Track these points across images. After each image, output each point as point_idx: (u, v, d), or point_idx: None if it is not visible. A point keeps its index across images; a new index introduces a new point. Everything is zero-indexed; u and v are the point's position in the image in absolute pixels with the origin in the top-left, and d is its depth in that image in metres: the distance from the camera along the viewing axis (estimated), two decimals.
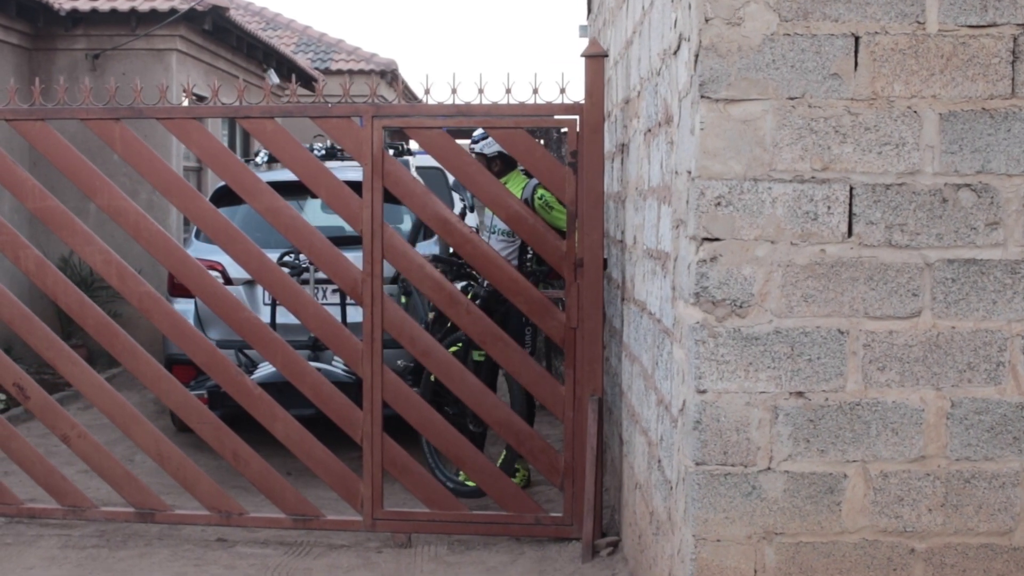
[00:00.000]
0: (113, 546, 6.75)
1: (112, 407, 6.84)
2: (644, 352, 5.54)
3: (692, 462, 4.13)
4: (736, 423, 4.10)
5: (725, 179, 4.05)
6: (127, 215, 6.75)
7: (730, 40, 4.02)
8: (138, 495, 6.88)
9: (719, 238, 4.07)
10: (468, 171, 6.74)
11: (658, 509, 4.96)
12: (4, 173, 6.79)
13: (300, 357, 6.77)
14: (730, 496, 4.12)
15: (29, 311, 6.90)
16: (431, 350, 6.73)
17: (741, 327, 4.09)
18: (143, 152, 6.73)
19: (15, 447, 6.93)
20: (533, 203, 7.70)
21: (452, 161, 6.71)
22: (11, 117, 6.76)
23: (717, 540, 4.12)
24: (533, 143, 6.75)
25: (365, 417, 6.69)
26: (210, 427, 6.80)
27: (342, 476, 6.76)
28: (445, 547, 6.74)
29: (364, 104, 6.61)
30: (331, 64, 21.30)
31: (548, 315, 6.64)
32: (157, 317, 6.76)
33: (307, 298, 6.75)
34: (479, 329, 6.68)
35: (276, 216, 6.65)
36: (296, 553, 6.66)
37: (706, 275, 4.07)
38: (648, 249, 5.47)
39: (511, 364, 6.71)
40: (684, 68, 4.34)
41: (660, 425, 4.91)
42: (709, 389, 4.10)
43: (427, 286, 6.75)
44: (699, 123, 4.04)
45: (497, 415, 6.76)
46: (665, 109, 4.83)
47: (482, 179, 6.80)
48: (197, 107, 6.73)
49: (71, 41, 12.75)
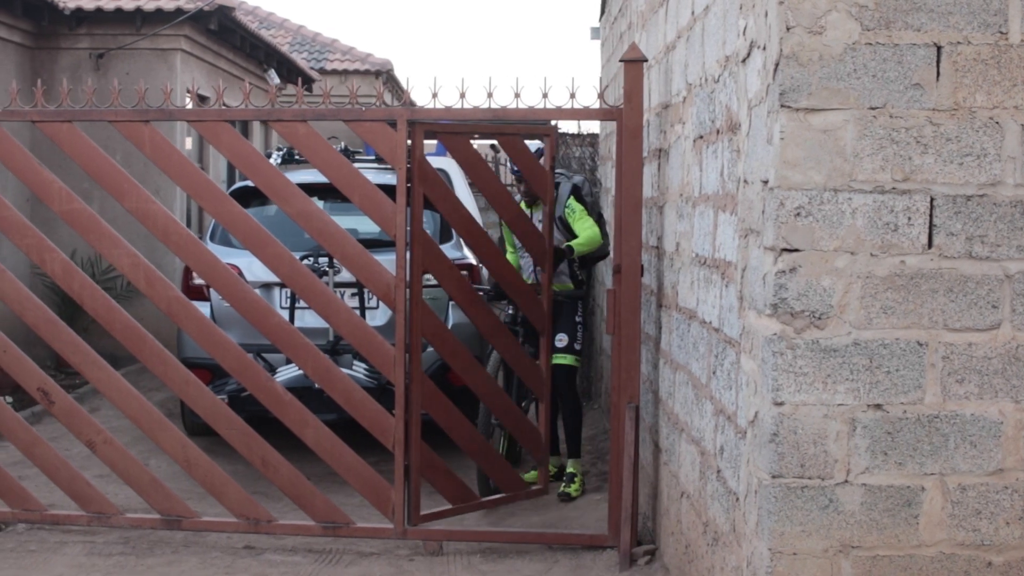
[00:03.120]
0: (139, 553, 6.66)
1: (139, 412, 6.75)
2: (694, 361, 5.49)
3: (767, 474, 4.08)
4: (814, 435, 4.05)
5: (805, 189, 4.00)
6: (156, 218, 6.66)
7: (811, 49, 3.97)
8: (165, 502, 6.79)
9: (798, 249, 4.02)
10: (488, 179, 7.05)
11: (716, 520, 4.91)
12: (31, 175, 6.68)
13: (331, 362, 6.69)
14: (807, 509, 4.07)
15: (54, 315, 6.79)
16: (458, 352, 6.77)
17: (819, 339, 4.04)
18: (172, 154, 6.65)
19: (39, 453, 6.83)
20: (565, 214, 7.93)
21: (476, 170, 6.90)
22: (38, 119, 6.66)
23: (793, 553, 4.08)
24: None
25: (397, 423, 6.61)
26: (238, 432, 6.71)
27: (373, 483, 6.69)
28: (478, 555, 6.68)
29: (398, 107, 6.54)
30: (326, 64, 21.15)
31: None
32: (185, 321, 6.67)
33: (338, 303, 6.67)
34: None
35: (308, 220, 6.57)
36: (326, 561, 6.58)
37: (785, 286, 4.02)
38: (699, 257, 5.43)
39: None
40: (757, 76, 4.28)
41: (720, 435, 4.86)
42: (787, 401, 4.05)
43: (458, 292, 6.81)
44: (779, 132, 3.99)
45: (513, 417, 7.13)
46: (728, 117, 4.78)
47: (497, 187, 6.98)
48: (228, 110, 6.64)
49: (74, 40, 12.60)
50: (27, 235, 6.71)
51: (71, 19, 12.30)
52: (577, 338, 8.06)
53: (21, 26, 12.02)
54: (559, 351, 8.01)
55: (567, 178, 8.13)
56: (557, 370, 8.02)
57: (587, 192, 8.17)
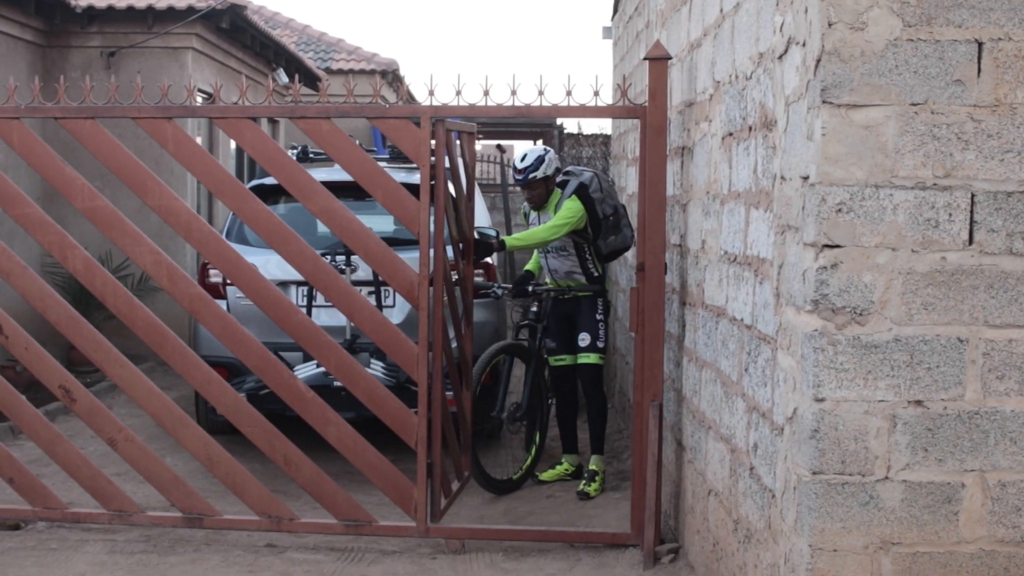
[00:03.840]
0: (161, 551, 6.64)
1: (161, 409, 6.73)
2: (723, 358, 5.48)
3: (808, 471, 4.08)
4: (854, 432, 4.05)
5: (846, 185, 4.00)
6: (178, 215, 6.65)
7: (853, 45, 3.97)
8: (186, 500, 6.77)
9: (840, 245, 4.02)
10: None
11: (749, 517, 4.91)
12: (54, 172, 6.67)
13: (355, 361, 6.67)
14: (847, 505, 4.07)
15: (76, 312, 6.78)
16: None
17: (860, 335, 4.04)
18: (195, 151, 6.64)
19: (60, 451, 6.81)
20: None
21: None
22: (60, 115, 6.64)
23: (834, 550, 4.07)
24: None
25: (420, 421, 6.60)
26: (261, 430, 6.69)
27: (395, 482, 6.67)
28: (500, 553, 6.67)
29: (423, 105, 6.53)
30: (331, 64, 21.12)
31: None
32: (208, 319, 6.66)
33: (362, 300, 6.66)
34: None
35: (331, 217, 6.56)
36: (349, 559, 6.57)
37: (826, 282, 4.02)
38: (728, 254, 5.42)
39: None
40: (795, 72, 4.28)
41: (753, 432, 4.86)
42: (827, 397, 4.04)
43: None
44: (820, 129, 3.99)
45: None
46: (762, 113, 4.78)
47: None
48: (252, 107, 6.62)
49: (85, 39, 12.58)
50: (49, 232, 6.69)
51: (82, 17, 12.27)
52: (599, 336, 8.03)
53: (33, 24, 12.01)
54: (582, 350, 8.02)
55: (575, 176, 8.07)
56: (582, 369, 8.05)
57: (596, 188, 7.96)
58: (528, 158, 7.97)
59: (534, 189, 8.00)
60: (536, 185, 7.97)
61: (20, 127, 6.66)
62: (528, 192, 8.04)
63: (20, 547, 6.67)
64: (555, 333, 8.22)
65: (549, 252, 8.15)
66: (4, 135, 6.68)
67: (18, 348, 6.78)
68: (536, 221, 8.17)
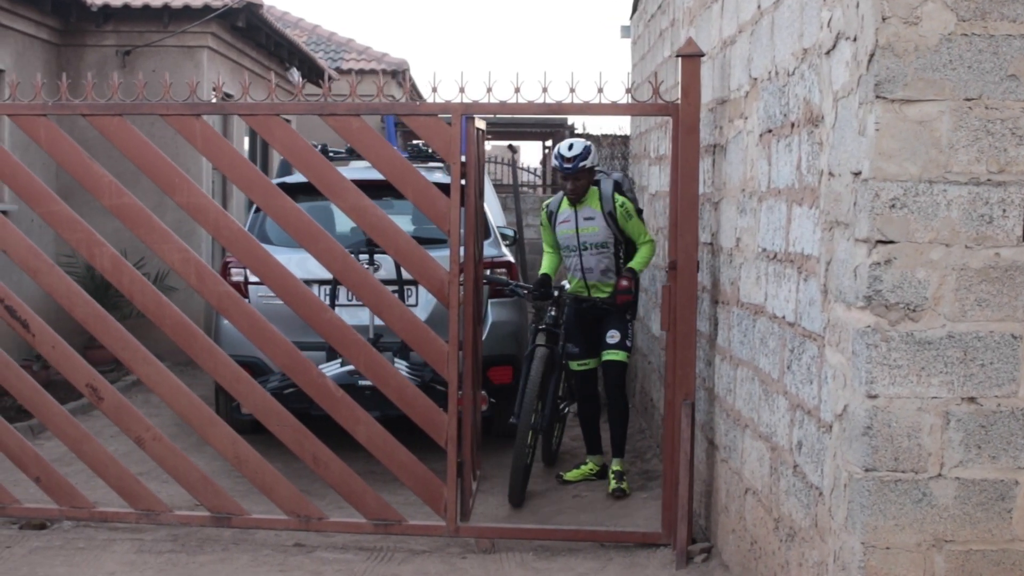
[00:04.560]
0: (190, 551, 6.61)
1: (189, 408, 6.70)
2: (761, 356, 5.45)
3: (860, 468, 4.05)
4: (908, 428, 4.02)
5: (900, 181, 3.97)
6: (207, 213, 6.62)
7: (907, 39, 3.94)
8: (214, 499, 6.75)
9: (893, 241, 3.99)
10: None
11: (792, 516, 4.88)
12: (81, 169, 6.63)
13: (385, 360, 6.64)
14: (900, 503, 4.04)
15: (103, 310, 6.74)
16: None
17: (914, 331, 4.01)
18: (224, 148, 6.62)
19: (87, 449, 6.78)
20: (615, 211, 7.85)
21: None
22: (88, 112, 6.61)
23: (886, 548, 4.04)
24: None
25: (450, 420, 6.58)
26: (290, 429, 6.66)
27: (425, 480, 6.65)
28: (530, 553, 6.64)
29: (454, 102, 6.50)
30: (341, 64, 21.06)
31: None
32: (236, 317, 6.63)
33: (392, 299, 6.62)
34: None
35: (362, 215, 6.53)
36: (379, 559, 6.54)
37: (879, 278, 3.99)
38: (767, 252, 5.39)
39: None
40: (845, 68, 4.25)
41: (797, 431, 4.83)
42: (881, 394, 4.01)
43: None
44: (873, 124, 3.96)
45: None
46: (806, 109, 4.75)
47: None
48: (281, 104, 6.59)
49: (100, 37, 12.55)
50: (77, 229, 6.66)
51: (98, 16, 12.24)
52: (628, 334, 7.94)
53: (48, 23, 11.98)
54: (611, 347, 7.90)
55: (606, 175, 8.05)
56: (608, 367, 7.94)
57: (628, 188, 8.07)
58: (577, 147, 7.80)
59: (579, 179, 7.81)
60: (582, 175, 7.79)
61: (47, 124, 6.63)
62: (572, 183, 7.82)
63: (47, 546, 6.63)
64: (577, 337, 8.10)
65: (587, 249, 7.94)
66: (31, 131, 6.65)
67: (45, 346, 6.75)
68: (572, 217, 7.95)
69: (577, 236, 7.94)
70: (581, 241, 7.94)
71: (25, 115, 6.63)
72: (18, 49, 11.45)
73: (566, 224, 7.97)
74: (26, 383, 6.78)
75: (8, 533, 6.83)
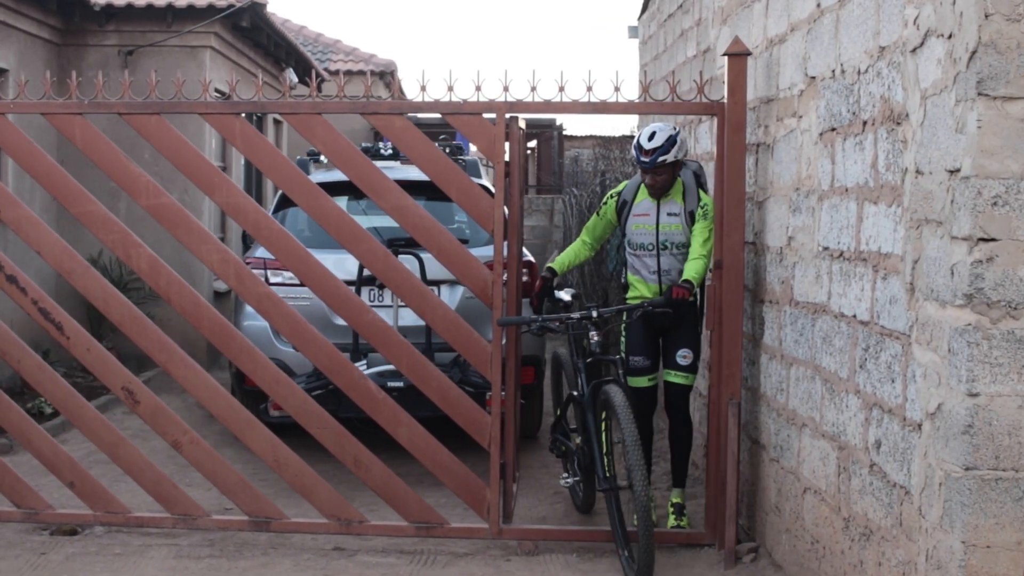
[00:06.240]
0: (229, 556, 6.52)
1: (227, 411, 6.62)
2: (825, 356, 5.43)
3: (959, 467, 4.03)
4: (1008, 427, 4.01)
5: (1002, 178, 3.96)
6: (246, 213, 6.54)
7: (1009, 37, 3.93)
8: (253, 503, 6.66)
9: (995, 238, 3.97)
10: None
11: (868, 515, 4.86)
12: (118, 168, 6.53)
13: (427, 361, 6.58)
14: (1000, 501, 4.02)
15: (140, 312, 6.64)
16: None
17: (1015, 329, 3.99)
18: (264, 147, 6.54)
19: (123, 453, 6.68)
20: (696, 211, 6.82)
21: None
22: (125, 111, 6.51)
23: (987, 546, 4.03)
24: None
25: (493, 421, 6.53)
26: (331, 432, 6.59)
27: (468, 482, 6.59)
28: (574, 555, 6.60)
29: (498, 101, 6.45)
30: (329, 64, 20.90)
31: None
32: (276, 319, 6.55)
33: (435, 299, 6.57)
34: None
35: (403, 215, 6.47)
36: (422, 562, 6.47)
37: (981, 276, 3.97)
38: (829, 250, 5.38)
39: None
40: (936, 65, 4.24)
41: (875, 429, 4.81)
42: (982, 392, 4.00)
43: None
44: (975, 121, 3.94)
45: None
46: (885, 107, 4.73)
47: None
48: (324, 102, 6.51)
49: (102, 37, 12.39)
50: (112, 230, 6.56)
51: (100, 16, 12.09)
52: (700, 353, 7.01)
53: (50, 22, 11.81)
54: (682, 369, 6.90)
55: (683, 165, 7.00)
56: (673, 389, 6.95)
57: (704, 180, 7.05)
58: (658, 137, 6.68)
59: (660, 174, 6.77)
60: (663, 170, 6.76)
61: (83, 123, 6.52)
62: (652, 177, 6.80)
63: (83, 552, 6.52)
64: (644, 348, 6.98)
65: (666, 249, 6.91)
66: (66, 131, 6.54)
67: (79, 349, 6.64)
68: (653, 211, 6.90)
69: (657, 233, 6.92)
70: (661, 240, 6.91)
71: (61, 114, 6.51)
72: (20, 49, 11.29)
73: (644, 219, 6.94)
74: (59, 386, 6.67)
75: (40, 539, 6.71)
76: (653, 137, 6.69)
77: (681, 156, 6.79)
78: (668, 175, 6.82)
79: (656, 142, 6.68)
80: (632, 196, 7.03)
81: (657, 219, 6.92)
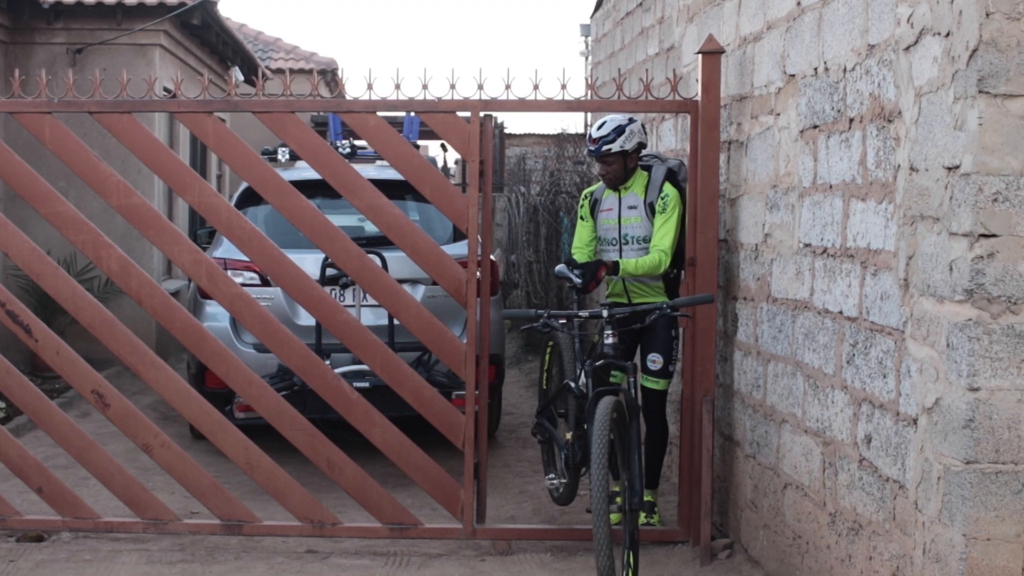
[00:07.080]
0: (201, 560, 6.43)
1: (199, 413, 6.54)
2: (808, 351, 5.48)
3: (960, 461, 4.08)
4: (1008, 421, 4.06)
5: (1003, 175, 4.01)
6: (219, 212, 6.47)
7: (1010, 35, 3.98)
8: (225, 506, 6.59)
9: (995, 234, 4.02)
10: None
11: (856, 510, 4.90)
12: (88, 168, 6.42)
13: (401, 361, 6.55)
14: (1000, 494, 4.08)
15: (112, 315, 6.53)
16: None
17: (1015, 324, 4.05)
18: (236, 145, 6.47)
19: (92, 458, 6.56)
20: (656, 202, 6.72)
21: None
22: (96, 110, 6.40)
23: (987, 539, 4.08)
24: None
25: (467, 421, 6.51)
26: (303, 434, 6.53)
27: (441, 483, 6.57)
28: (548, 554, 6.59)
29: (473, 99, 6.43)
30: (270, 63, 20.70)
31: None
32: (250, 320, 6.48)
33: (409, 298, 6.53)
34: None
35: (377, 214, 6.43)
36: (396, 564, 6.43)
37: (982, 272, 4.02)
38: (812, 247, 5.42)
39: None
40: (931, 63, 4.28)
41: (864, 424, 4.85)
42: (983, 387, 4.05)
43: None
44: (976, 119, 3.99)
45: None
46: (875, 104, 4.77)
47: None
48: (296, 101, 6.45)
49: (50, 35, 12.20)
50: (82, 231, 6.45)
51: (48, 13, 11.89)
52: (673, 358, 6.79)
53: None
54: (652, 374, 6.75)
55: (660, 161, 6.90)
56: (644, 393, 6.68)
57: (683, 177, 6.81)
58: (606, 127, 6.65)
59: (609, 164, 6.70)
60: (611, 159, 6.68)
61: (53, 121, 6.40)
62: (602, 167, 6.78)
63: (52, 559, 6.41)
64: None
65: (628, 243, 6.85)
66: (35, 130, 6.42)
67: (48, 352, 6.52)
68: (615, 205, 6.85)
69: (619, 228, 6.85)
70: (623, 234, 6.84)
71: (30, 113, 6.39)
72: None
73: (608, 213, 6.90)
74: (28, 390, 6.54)
75: (7, 547, 6.58)
76: (602, 127, 6.68)
77: (630, 146, 6.67)
78: (619, 164, 6.74)
79: (603, 131, 6.65)
80: (601, 193, 7.00)
81: (619, 213, 6.86)
